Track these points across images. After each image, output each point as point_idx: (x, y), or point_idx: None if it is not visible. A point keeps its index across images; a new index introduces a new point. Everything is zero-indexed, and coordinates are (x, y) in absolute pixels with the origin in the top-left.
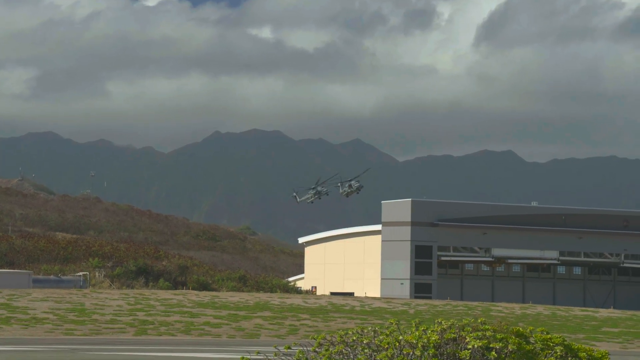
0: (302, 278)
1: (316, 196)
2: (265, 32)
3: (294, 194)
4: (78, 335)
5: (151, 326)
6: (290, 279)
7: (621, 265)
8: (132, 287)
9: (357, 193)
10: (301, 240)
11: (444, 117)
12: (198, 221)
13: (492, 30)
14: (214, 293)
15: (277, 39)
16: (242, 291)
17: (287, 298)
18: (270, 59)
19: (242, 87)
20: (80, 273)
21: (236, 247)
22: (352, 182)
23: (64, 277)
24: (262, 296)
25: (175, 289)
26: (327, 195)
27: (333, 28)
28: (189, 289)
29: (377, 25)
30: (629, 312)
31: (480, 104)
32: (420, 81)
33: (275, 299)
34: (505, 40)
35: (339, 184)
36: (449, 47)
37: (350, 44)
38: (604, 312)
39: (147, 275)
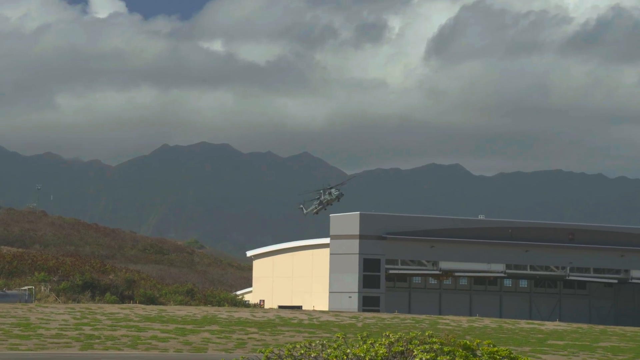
0: (250, 291)
1: (320, 207)
2: (217, 45)
3: (301, 206)
4: (23, 350)
5: (97, 341)
6: (238, 292)
7: (567, 278)
8: (79, 301)
9: (338, 201)
10: (249, 253)
11: (394, 130)
12: (146, 235)
13: (442, 45)
14: (162, 307)
15: (229, 52)
16: (190, 305)
17: (235, 312)
18: (222, 72)
19: (192, 100)
20: (26, 287)
21: (184, 260)
22: (332, 190)
23: (9, 292)
24: (210, 310)
25: (122, 303)
26: (331, 205)
27: (284, 41)
28: (136, 302)
29: (328, 38)
30: (575, 325)
31: (430, 117)
32: (371, 95)
33: (223, 312)
34: (455, 54)
35: (320, 192)
36: (400, 61)
37: (302, 58)
38: (550, 325)
39: (94, 289)
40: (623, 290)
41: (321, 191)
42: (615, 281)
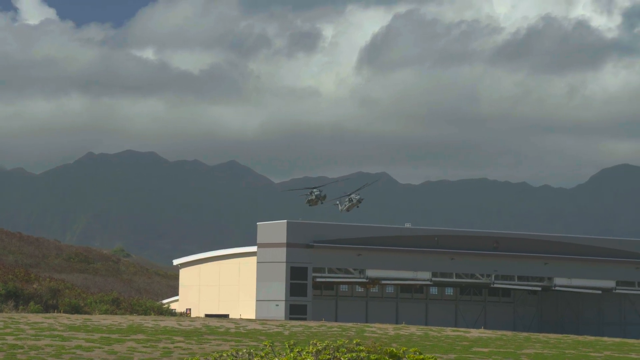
0: (177, 300)
1: (350, 204)
2: (150, 54)
3: (337, 202)
4: None
5: (20, 350)
6: (165, 301)
7: (492, 285)
8: (1, 311)
9: (358, 207)
10: (176, 262)
11: (326, 139)
12: (70, 243)
13: (374, 53)
14: (86, 316)
15: (162, 60)
16: (115, 314)
17: (161, 320)
18: (155, 80)
19: (122, 108)
20: None
21: (109, 269)
22: (352, 195)
23: None
24: (136, 319)
25: (47, 312)
26: (359, 205)
27: (218, 50)
28: (60, 312)
29: (262, 47)
30: (499, 332)
31: (362, 126)
32: (303, 104)
33: (149, 321)
34: (387, 63)
35: (338, 201)
36: (332, 70)
37: (235, 66)
38: (475, 332)
39: (17, 299)
40: (546, 298)
41: (338, 201)
42: (539, 289)
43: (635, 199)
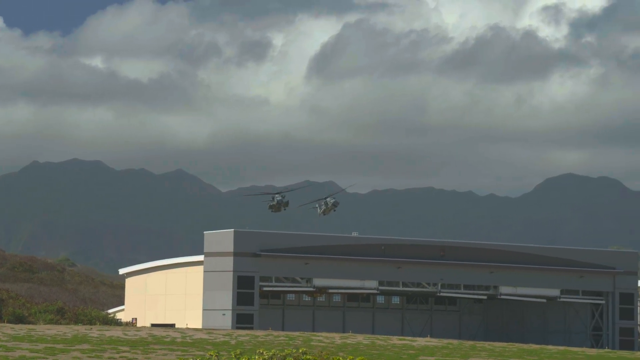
0: (123, 310)
1: (325, 208)
2: (99, 62)
3: (316, 205)
4: None
5: None
6: (110, 310)
7: (438, 294)
8: None
9: (334, 211)
10: (122, 271)
11: (275, 148)
12: (15, 252)
13: (324, 63)
14: (31, 326)
15: (111, 68)
16: (60, 324)
17: (106, 330)
18: (104, 89)
19: (70, 117)
20: None
21: (54, 278)
22: (328, 199)
23: None
24: (81, 329)
25: None
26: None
27: (167, 59)
28: (4, 322)
29: (211, 56)
30: (445, 341)
31: (311, 135)
32: (253, 113)
33: (94, 331)
34: (336, 72)
35: (317, 204)
36: (282, 79)
37: (185, 75)
38: (421, 341)
39: None
40: (492, 306)
41: (317, 204)
42: (485, 297)
43: (580, 208)
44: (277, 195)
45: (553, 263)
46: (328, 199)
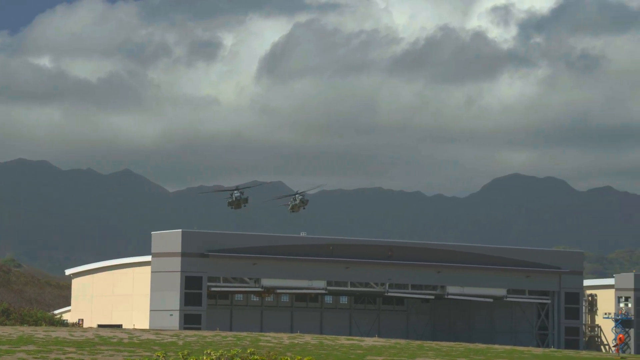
0: (69, 310)
1: (292, 202)
2: (47, 61)
3: (289, 202)
4: None
5: None
6: (57, 311)
7: (386, 294)
8: None
9: (304, 208)
10: (68, 271)
11: (224, 148)
12: None
13: (274, 63)
14: None
15: (60, 68)
16: (5, 325)
17: (52, 331)
18: (52, 88)
19: (17, 116)
20: None
21: None
22: (296, 195)
23: None
24: (26, 330)
25: None
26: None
27: (117, 58)
28: None
29: (161, 56)
30: (393, 341)
31: (261, 135)
32: (203, 113)
33: (40, 332)
34: (287, 72)
35: (289, 201)
36: (232, 79)
37: (134, 75)
38: (369, 341)
39: None
40: (439, 306)
41: (291, 199)
42: (432, 297)
43: (526, 208)
44: (235, 192)
45: (500, 263)
46: (297, 196)
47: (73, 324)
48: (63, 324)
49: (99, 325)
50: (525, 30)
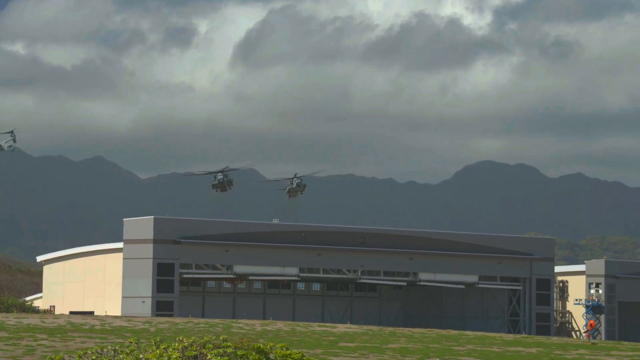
0: (40, 297)
1: (290, 187)
2: (20, 48)
3: (285, 188)
4: None
5: None
6: (28, 298)
7: (358, 281)
8: None
9: (301, 193)
10: (40, 258)
11: (198, 135)
12: None
13: (248, 49)
14: None
15: (33, 54)
16: None
17: (23, 318)
18: (25, 75)
19: None
20: None
21: None
22: (294, 179)
23: None
24: None
25: None
26: (301, 193)
27: (91, 45)
28: None
29: (135, 43)
30: (365, 327)
31: (235, 123)
32: (177, 100)
33: (10, 319)
34: (261, 59)
35: (289, 184)
36: (206, 66)
37: (108, 62)
38: (341, 327)
39: None
40: (411, 293)
41: (289, 183)
42: (404, 284)
43: (497, 195)
44: (218, 175)
45: (471, 250)
46: (294, 180)
47: (44, 311)
48: (34, 310)
49: (71, 312)
50: (500, 17)
